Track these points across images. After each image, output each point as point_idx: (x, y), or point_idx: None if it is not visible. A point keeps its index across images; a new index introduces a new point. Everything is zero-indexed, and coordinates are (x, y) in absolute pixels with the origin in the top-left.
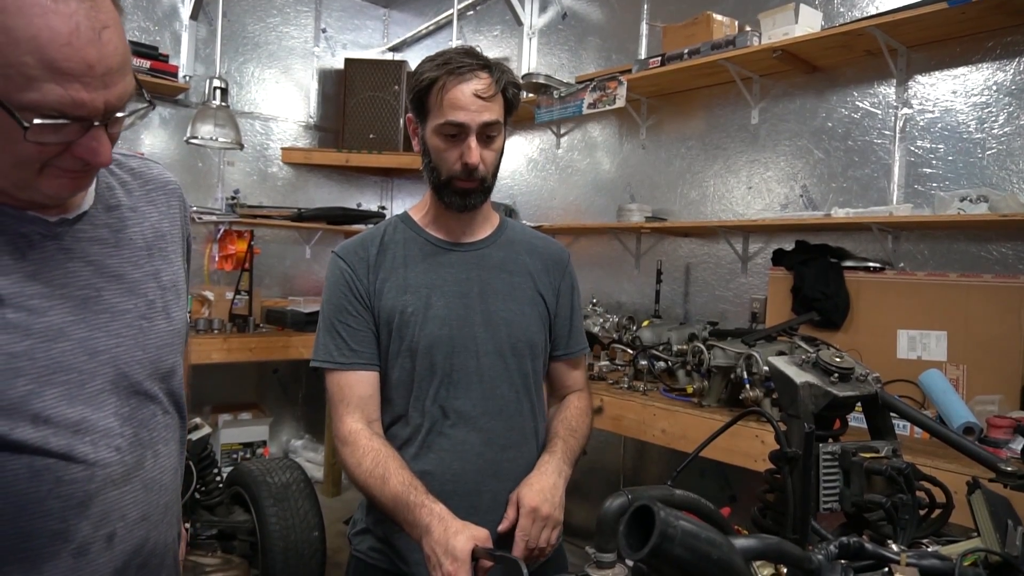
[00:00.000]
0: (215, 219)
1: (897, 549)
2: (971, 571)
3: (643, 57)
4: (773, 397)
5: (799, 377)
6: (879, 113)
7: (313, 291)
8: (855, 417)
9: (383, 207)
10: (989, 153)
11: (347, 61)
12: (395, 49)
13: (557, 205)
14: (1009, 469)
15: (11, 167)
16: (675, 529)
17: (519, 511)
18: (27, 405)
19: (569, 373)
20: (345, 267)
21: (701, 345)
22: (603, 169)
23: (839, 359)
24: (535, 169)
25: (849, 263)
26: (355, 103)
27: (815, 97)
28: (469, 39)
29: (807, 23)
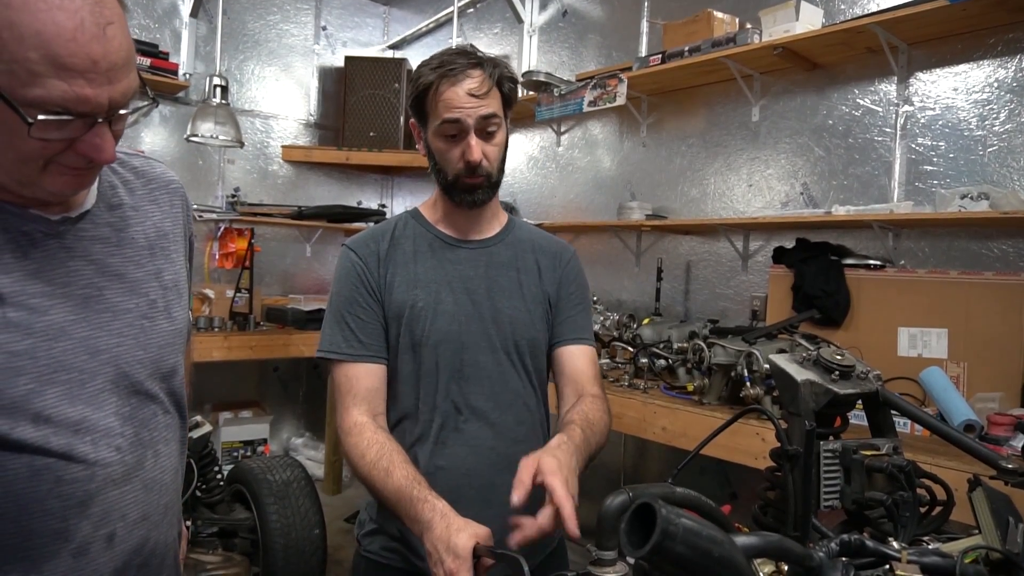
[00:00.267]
0: (215, 217)
1: (898, 546)
2: (972, 568)
3: (643, 55)
4: (774, 395)
5: (800, 375)
6: (880, 110)
7: (313, 289)
8: (856, 415)
9: (383, 205)
10: (990, 150)
11: (347, 59)
12: (395, 47)
13: (558, 203)
14: (1010, 466)
15: (14, 163)
16: (677, 527)
17: (541, 476)
18: (28, 404)
19: (573, 363)
20: (356, 259)
21: (702, 343)
22: (603, 167)
23: (840, 357)
24: (535, 167)
25: (850, 261)
26: (355, 101)
27: (816, 94)
28: (469, 37)
29: (808, 20)
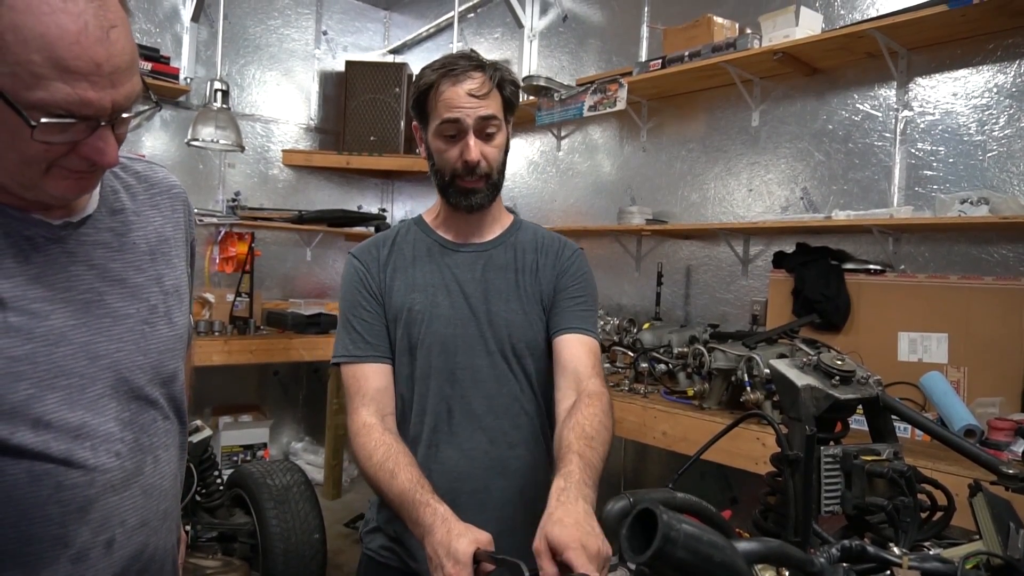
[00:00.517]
0: (216, 221)
1: (899, 552)
2: (973, 574)
3: (644, 60)
4: (774, 400)
5: (800, 380)
6: (880, 115)
7: (314, 293)
8: (856, 420)
9: (383, 209)
10: (990, 155)
11: (348, 63)
12: (396, 51)
13: (558, 207)
14: (1011, 471)
15: (17, 166)
16: (678, 532)
17: (559, 555)
18: (28, 409)
19: (568, 352)
20: (359, 265)
21: (702, 348)
22: (604, 171)
23: (840, 362)
24: (536, 171)
25: (850, 265)
26: (356, 105)
27: (816, 99)
28: (470, 41)
29: (807, 25)
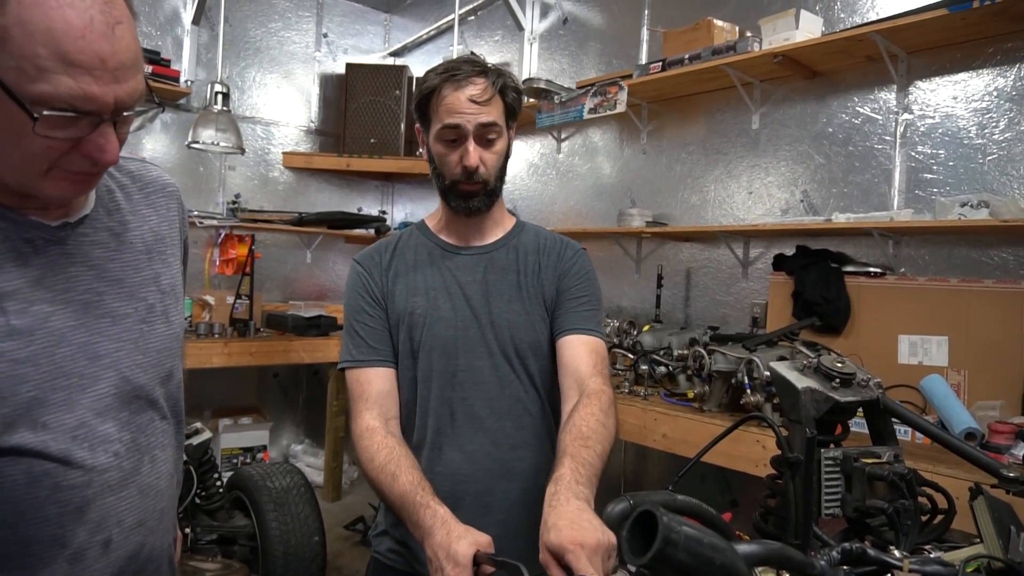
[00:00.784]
0: (216, 223)
1: (899, 555)
2: None
3: (644, 62)
4: (774, 402)
5: (800, 382)
6: (880, 118)
7: (314, 295)
8: (856, 422)
9: (383, 211)
10: (990, 158)
11: (348, 66)
12: (396, 54)
13: (558, 210)
14: (1011, 475)
15: (19, 164)
16: (678, 534)
17: (560, 556)
18: (29, 411)
19: (570, 352)
20: (361, 270)
21: (702, 350)
22: (604, 174)
23: (840, 364)
24: (536, 174)
25: (850, 268)
26: (356, 108)
27: (816, 102)
28: (470, 44)
29: (807, 29)
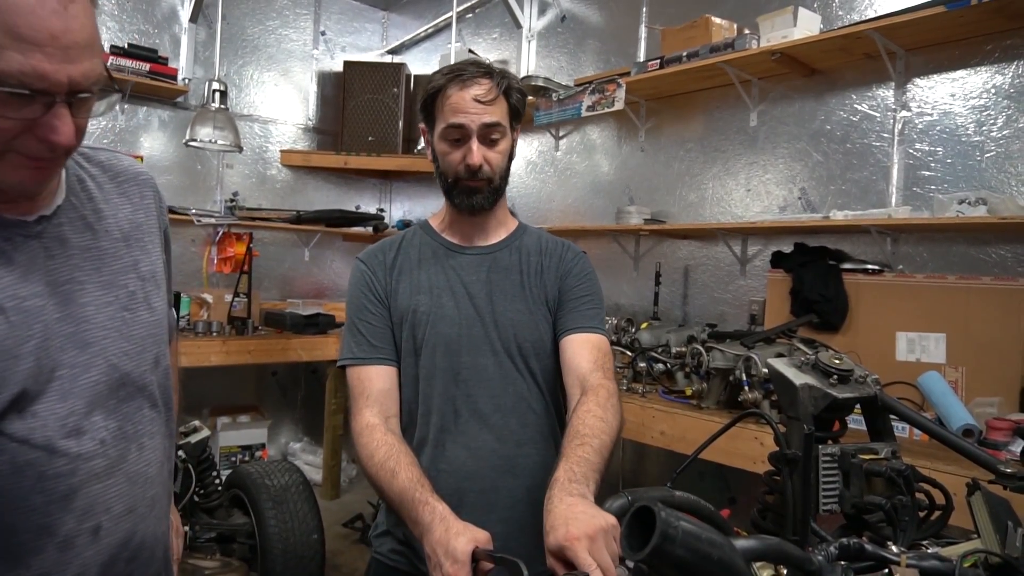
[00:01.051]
0: (214, 221)
1: (897, 551)
2: (971, 572)
3: (642, 60)
4: (772, 399)
5: (798, 379)
6: (878, 116)
7: (312, 293)
8: (854, 419)
9: (381, 209)
10: (988, 156)
11: (346, 64)
12: (394, 52)
13: (556, 207)
14: (1008, 471)
15: None
16: (676, 530)
17: (562, 555)
18: (21, 403)
19: (572, 351)
20: (365, 269)
21: (700, 347)
22: (602, 171)
23: (838, 361)
24: (534, 171)
25: (848, 265)
26: (354, 106)
27: (814, 100)
28: (468, 42)
29: (805, 26)
